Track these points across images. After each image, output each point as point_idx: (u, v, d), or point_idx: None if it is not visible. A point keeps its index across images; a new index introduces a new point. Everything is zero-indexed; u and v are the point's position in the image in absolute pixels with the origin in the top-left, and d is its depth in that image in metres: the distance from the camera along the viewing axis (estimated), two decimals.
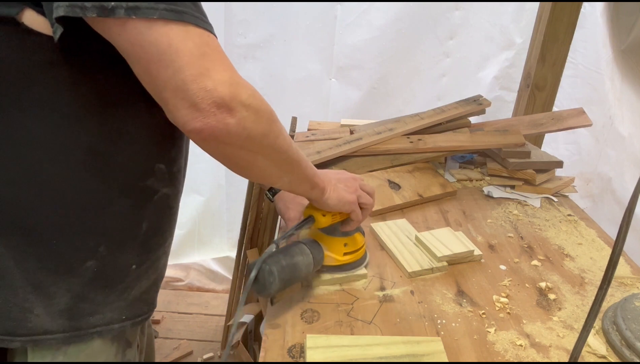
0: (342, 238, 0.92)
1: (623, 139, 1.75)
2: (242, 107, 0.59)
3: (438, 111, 1.51)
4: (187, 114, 0.57)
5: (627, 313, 0.83)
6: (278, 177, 0.74)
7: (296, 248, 0.85)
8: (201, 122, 0.57)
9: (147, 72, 0.57)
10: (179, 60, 0.54)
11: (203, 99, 0.56)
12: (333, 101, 2.10)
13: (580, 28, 1.63)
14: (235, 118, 0.58)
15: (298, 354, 0.78)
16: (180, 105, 0.56)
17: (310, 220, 0.87)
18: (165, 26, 0.54)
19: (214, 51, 0.57)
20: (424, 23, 1.99)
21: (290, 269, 0.81)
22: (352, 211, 0.88)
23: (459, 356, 0.79)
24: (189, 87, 0.55)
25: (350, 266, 0.95)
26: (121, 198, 0.70)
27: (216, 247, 2.40)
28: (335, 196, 0.83)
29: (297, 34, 1.97)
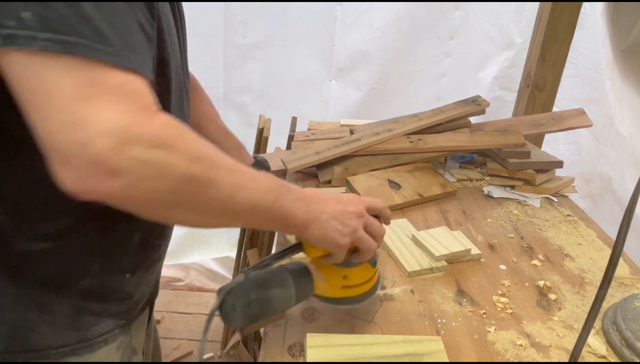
0: (340, 269, 0.76)
1: (623, 139, 1.75)
2: (134, 164, 0.46)
3: (437, 112, 1.51)
4: (59, 171, 0.46)
5: (627, 313, 0.83)
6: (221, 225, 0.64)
7: (277, 278, 0.72)
8: (77, 185, 0.46)
9: (24, 109, 0.47)
10: (48, 103, 0.44)
11: (74, 156, 0.44)
12: (333, 102, 2.10)
13: (580, 28, 1.63)
14: (122, 180, 0.46)
15: (298, 353, 0.78)
16: (52, 158, 0.46)
17: (298, 247, 0.73)
18: (45, 60, 0.44)
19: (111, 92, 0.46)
20: (424, 23, 1.99)
21: (260, 304, 0.70)
22: (334, 254, 0.71)
23: (459, 356, 0.79)
24: (56, 138, 0.45)
25: (348, 300, 0.79)
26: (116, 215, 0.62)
27: (216, 247, 2.40)
28: (320, 235, 0.67)
29: (297, 35, 1.98)
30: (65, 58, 0.45)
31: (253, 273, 0.71)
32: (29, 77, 0.45)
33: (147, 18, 0.54)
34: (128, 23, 0.50)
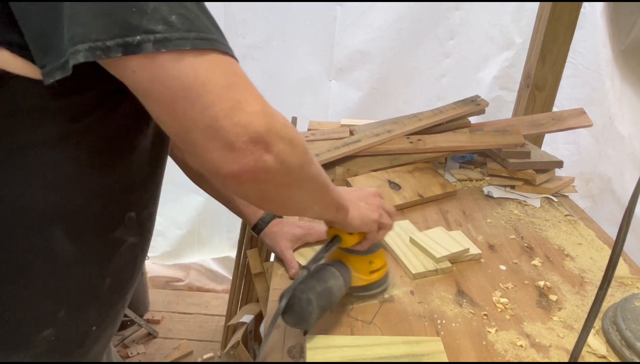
0: (367, 256, 0.85)
1: (623, 139, 1.75)
2: (278, 139, 0.51)
3: (436, 112, 1.51)
4: (221, 156, 0.49)
5: (627, 313, 0.83)
6: (310, 208, 0.67)
7: (326, 272, 0.79)
8: (238, 164, 0.50)
9: (171, 112, 0.49)
10: (207, 94, 0.47)
11: (238, 136, 0.48)
12: (333, 102, 2.10)
13: (580, 28, 1.63)
14: (272, 153, 0.51)
15: (298, 354, 0.78)
16: (211, 146, 0.49)
17: (337, 240, 0.80)
18: (193, 57, 0.47)
19: (242, 79, 0.51)
20: (424, 23, 1.99)
21: (325, 295, 0.75)
22: (371, 231, 0.80)
23: (459, 356, 0.79)
24: (221, 124, 0.48)
25: (377, 284, 0.89)
26: (86, 255, 0.62)
27: (216, 247, 2.40)
28: (358, 215, 0.76)
29: (297, 35, 1.97)
30: (209, 53, 0.48)
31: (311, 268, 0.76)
32: (183, 75, 0.47)
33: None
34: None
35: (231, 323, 1.71)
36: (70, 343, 0.66)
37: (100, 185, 0.60)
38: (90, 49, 0.44)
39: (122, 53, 0.45)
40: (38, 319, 0.61)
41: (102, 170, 0.60)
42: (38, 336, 0.61)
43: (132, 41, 0.45)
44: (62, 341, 0.64)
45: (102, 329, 0.70)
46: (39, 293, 0.60)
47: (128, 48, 0.45)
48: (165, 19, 0.46)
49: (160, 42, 0.45)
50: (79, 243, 0.61)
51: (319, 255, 0.78)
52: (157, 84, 0.47)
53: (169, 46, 0.46)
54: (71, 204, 0.58)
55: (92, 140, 0.57)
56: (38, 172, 0.55)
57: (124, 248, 0.67)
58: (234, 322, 1.66)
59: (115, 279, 0.68)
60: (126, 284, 0.72)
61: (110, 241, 0.65)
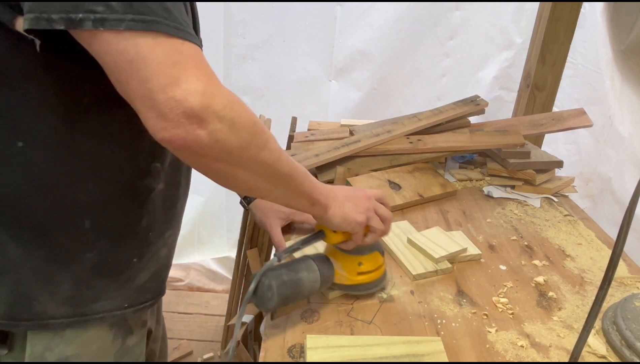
0: (356, 257, 0.86)
1: (623, 139, 1.75)
2: (215, 118, 0.56)
3: (436, 112, 1.51)
4: (155, 123, 0.56)
5: (627, 313, 0.83)
6: (267, 191, 0.71)
7: (303, 264, 0.81)
8: (169, 133, 0.56)
9: (118, 82, 0.56)
10: (146, 69, 0.54)
11: (171, 109, 0.54)
12: (333, 102, 2.10)
13: (580, 28, 1.63)
14: (206, 130, 0.56)
15: (298, 354, 0.78)
16: (149, 114, 0.56)
17: (321, 235, 0.82)
18: (133, 36, 0.53)
19: (189, 59, 0.56)
20: (424, 23, 1.99)
21: (292, 285, 0.77)
22: (354, 233, 0.81)
23: (459, 356, 0.79)
24: (156, 96, 0.54)
25: (365, 287, 0.88)
26: (119, 197, 0.71)
27: (216, 247, 2.40)
28: (340, 213, 0.78)
29: (297, 35, 1.97)
30: (148, 34, 0.53)
31: (284, 257, 0.79)
32: (127, 50, 0.53)
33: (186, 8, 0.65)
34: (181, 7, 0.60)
35: (231, 323, 1.71)
36: (112, 268, 0.74)
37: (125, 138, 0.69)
38: (35, 18, 0.52)
39: (64, 26, 0.52)
40: (80, 242, 0.70)
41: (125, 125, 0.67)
42: (81, 256, 0.71)
43: (75, 18, 0.52)
44: (104, 264, 0.73)
45: (143, 264, 0.78)
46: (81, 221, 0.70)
47: (70, 23, 0.52)
48: (106, 2, 0.52)
49: (98, 21, 0.52)
50: (111, 187, 0.70)
51: (295, 245, 0.81)
52: (107, 55, 0.55)
53: (106, 25, 0.52)
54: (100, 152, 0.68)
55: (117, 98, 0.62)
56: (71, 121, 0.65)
57: (155, 194, 0.75)
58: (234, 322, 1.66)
59: (151, 220, 0.77)
60: (161, 226, 0.80)
61: (140, 188, 0.74)
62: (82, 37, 0.55)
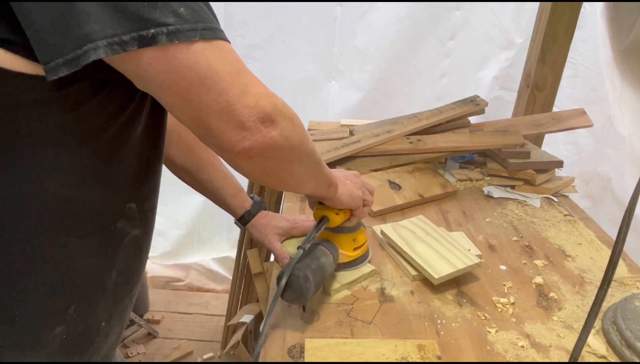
0: (350, 234, 0.94)
1: (623, 139, 1.75)
2: (281, 116, 0.57)
3: (435, 112, 1.51)
4: (234, 135, 0.54)
5: (627, 313, 0.83)
6: (306, 182, 0.74)
7: (317, 251, 0.86)
8: (250, 141, 0.55)
9: (186, 101, 0.52)
10: (221, 81, 0.52)
11: (249, 117, 0.54)
12: (333, 102, 2.10)
13: (580, 28, 1.63)
14: (277, 129, 0.57)
15: (298, 354, 0.78)
16: (225, 128, 0.54)
17: (325, 220, 0.87)
18: (203, 47, 0.50)
19: (243, 65, 0.55)
20: (424, 23, 1.99)
21: (319, 272, 0.82)
22: (358, 207, 0.88)
23: (459, 357, 0.79)
24: (234, 107, 0.53)
25: (360, 260, 0.97)
26: (91, 248, 0.63)
27: (216, 247, 2.40)
28: (346, 191, 0.84)
29: (297, 35, 1.97)
30: (216, 42, 0.52)
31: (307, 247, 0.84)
32: (198, 65, 0.50)
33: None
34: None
35: (231, 323, 1.71)
36: (81, 340, 0.66)
37: (100, 177, 0.61)
38: (108, 44, 0.46)
39: (137, 46, 0.47)
40: (49, 317, 0.61)
41: (99, 161, 0.60)
42: (49, 334, 0.61)
43: (146, 34, 0.47)
44: (73, 338, 0.64)
45: (111, 325, 0.70)
46: (48, 289, 0.60)
47: (143, 41, 0.47)
48: (175, 12, 0.48)
49: (172, 33, 0.48)
50: (82, 236, 0.61)
51: (311, 235, 0.86)
52: (173, 74, 0.50)
53: (180, 37, 0.48)
54: (73, 197, 0.59)
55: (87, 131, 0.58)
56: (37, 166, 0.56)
57: (128, 241, 0.68)
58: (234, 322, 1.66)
59: (121, 273, 0.68)
60: (132, 278, 0.72)
61: (113, 233, 0.65)
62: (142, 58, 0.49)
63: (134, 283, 0.73)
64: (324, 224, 0.88)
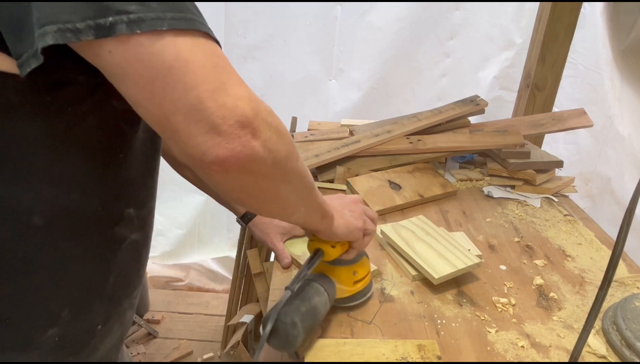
0: (351, 266, 0.83)
1: (623, 139, 1.75)
2: (265, 125, 0.49)
3: (435, 112, 1.51)
4: (206, 140, 0.46)
5: (627, 313, 0.83)
6: (296, 208, 0.65)
7: (310, 289, 0.77)
8: (225, 149, 0.47)
9: (149, 95, 0.46)
10: (190, 74, 0.45)
11: (224, 119, 0.46)
12: (333, 102, 2.10)
13: (580, 28, 1.63)
14: (260, 139, 0.48)
15: (298, 355, 0.78)
16: (195, 130, 0.46)
17: (320, 254, 0.77)
18: (173, 37, 0.44)
19: (225, 62, 0.48)
20: (424, 23, 1.99)
21: (310, 315, 0.73)
22: (357, 239, 0.78)
23: (459, 357, 0.79)
24: (206, 105, 0.45)
25: (360, 295, 0.87)
26: (88, 252, 0.61)
27: (216, 247, 2.40)
28: (344, 223, 0.74)
29: (297, 35, 1.97)
30: (190, 34, 0.46)
31: (296, 288, 0.73)
32: (164, 53, 0.44)
33: None
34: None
35: (231, 323, 1.71)
36: (76, 342, 0.64)
37: (96, 181, 0.59)
38: (59, 30, 0.42)
39: (94, 36, 0.43)
40: (42, 319, 0.59)
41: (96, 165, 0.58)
42: (42, 336, 0.60)
43: (104, 23, 0.42)
44: (67, 340, 0.62)
45: (108, 328, 0.68)
46: (42, 292, 0.58)
47: (100, 30, 0.42)
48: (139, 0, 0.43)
49: (134, 22, 0.43)
50: (79, 241, 0.59)
51: (302, 273, 0.75)
52: (135, 63, 0.44)
53: (143, 27, 0.43)
54: (68, 201, 0.57)
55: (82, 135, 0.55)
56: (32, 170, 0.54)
57: (126, 245, 0.65)
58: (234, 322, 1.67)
59: (119, 277, 0.66)
60: (131, 282, 0.70)
61: (111, 237, 0.63)
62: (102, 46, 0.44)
63: (133, 287, 0.71)
64: (318, 259, 0.77)
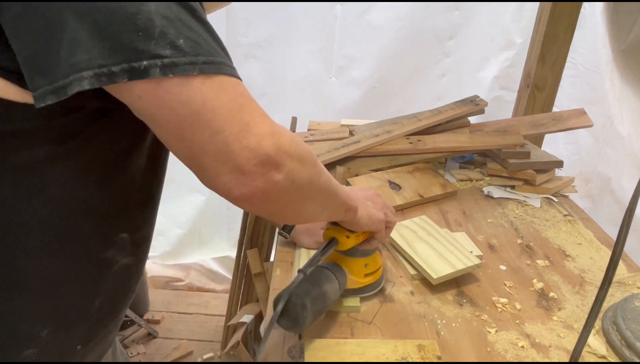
0: (362, 259, 0.85)
1: (622, 139, 1.75)
2: (287, 158, 0.52)
3: (435, 112, 1.51)
4: (231, 179, 0.49)
5: (627, 313, 0.83)
6: (320, 215, 0.69)
7: (322, 275, 0.79)
8: (248, 187, 0.50)
9: (179, 138, 0.48)
10: (216, 119, 0.47)
11: (248, 160, 0.48)
12: (333, 101, 2.11)
13: (580, 28, 1.63)
14: (282, 173, 0.51)
15: (298, 355, 0.78)
16: (222, 170, 0.49)
17: (334, 243, 0.80)
18: (201, 82, 0.46)
19: (248, 100, 0.50)
20: (424, 23, 1.99)
21: (320, 299, 0.75)
22: (379, 230, 0.80)
23: (459, 357, 0.79)
24: (232, 148, 0.48)
25: (371, 287, 0.88)
26: (74, 275, 0.61)
27: (216, 247, 2.40)
28: (366, 214, 0.76)
29: (298, 34, 1.98)
30: (216, 77, 0.47)
31: (308, 271, 0.75)
32: (191, 100, 0.46)
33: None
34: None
35: (231, 323, 1.71)
36: (53, 360, 0.63)
37: (91, 205, 0.59)
38: (95, 75, 0.44)
39: (127, 78, 0.44)
40: (20, 339, 0.59)
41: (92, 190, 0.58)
42: (19, 355, 0.59)
43: (138, 66, 0.44)
44: (44, 358, 0.62)
45: (89, 348, 0.67)
46: (24, 312, 0.58)
47: (134, 73, 0.44)
48: (172, 43, 0.45)
49: (167, 67, 0.44)
50: (68, 263, 0.59)
51: (315, 258, 0.77)
52: (164, 109, 0.47)
53: (176, 71, 0.45)
54: (60, 223, 0.57)
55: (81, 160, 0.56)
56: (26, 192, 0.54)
57: (116, 269, 0.65)
58: (234, 322, 1.67)
59: (106, 300, 0.66)
60: (118, 305, 0.70)
61: (101, 261, 0.63)
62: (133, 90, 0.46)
63: (120, 309, 0.71)
64: (332, 248, 0.80)
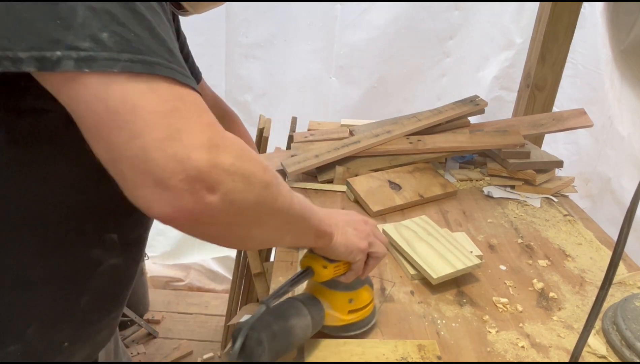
0: (346, 293, 0.75)
1: (622, 139, 1.75)
2: (227, 176, 0.44)
3: (435, 112, 1.51)
4: (152, 193, 0.42)
5: (627, 313, 0.83)
6: (278, 240, 0.62)
7: (291, 308, 0.70)
8: (172, 206, 0.42)
9: (97, 137, 0.43)
10: (137, 120, 0.41)
11: (173, 173, 0.41)
12: (333, 100, 2.11)
13: (580, 28, 1.63)
14: (218, 194, 0.43)
15: (298, 355, 0.78)
16: (140, 181, 0.42)
17: (309, 273, 0.70)
18: (125, 80, 0.41)
19: (190, 105, 0.44)
20: (423, 23, 1.99)
21: (283, 336, 0.67)
22: (356, 261, 0.71)
23: (459, 357, 0.79)
24: (152, 156, 0.40)
25: (356, 326, 0.79)
26: (57, 272, 0.59)
27: (216, 247, 2.38)
28: (344, 241, 0.67)
29: (298, 34, 1.98)
30: (147, 77, 0.42)
31: (272, 304, 0.66)
32: (109, 98, 0.41)
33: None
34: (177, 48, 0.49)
35: (231, 323, 1.71)
36: (39, 358, 0.62)
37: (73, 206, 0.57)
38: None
39: (36, 68, 0.40)
40: (5, 335, 0.58)
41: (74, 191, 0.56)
42: (3, 351, 0.58)
43: (50, 56, 0.40)
44: (29, 355, 0.60)
45: (76, 347, 0.66)
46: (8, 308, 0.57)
47: (44, 63, 0.40)
48: (94, 36, 0.41)
49: (83, 60, 0.40)
50: (50, 260, 0.58)
51: (282, 288, 0.67)
52: (81, 103, 0.42)
53: (93, 66, 0.40)
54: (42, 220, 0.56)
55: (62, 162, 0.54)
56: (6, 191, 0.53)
57: (104, 269, 0.63)
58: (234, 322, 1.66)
59: (94, 299, 0.64)
60: (109, 303, 0.68)
61: (84, 261, 0.61)
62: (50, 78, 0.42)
63: (112, 308, 0.70)
64: (305, 278, 0.70)
